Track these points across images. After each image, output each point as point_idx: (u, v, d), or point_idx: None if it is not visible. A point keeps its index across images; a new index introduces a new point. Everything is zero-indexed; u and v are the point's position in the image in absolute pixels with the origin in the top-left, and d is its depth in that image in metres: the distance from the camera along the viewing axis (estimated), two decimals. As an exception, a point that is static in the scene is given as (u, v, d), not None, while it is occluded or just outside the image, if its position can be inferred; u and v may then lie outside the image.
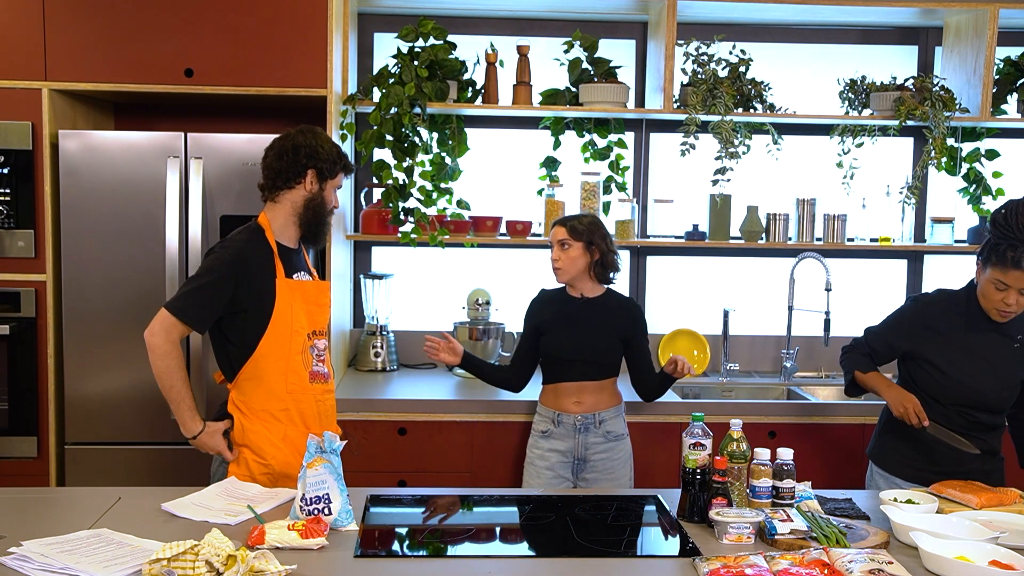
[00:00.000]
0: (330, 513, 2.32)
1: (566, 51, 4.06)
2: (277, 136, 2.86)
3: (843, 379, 3.14)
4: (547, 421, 3.26)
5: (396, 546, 2.36)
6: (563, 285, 3.32)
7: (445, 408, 3.62)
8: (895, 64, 4.37)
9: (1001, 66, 4.19)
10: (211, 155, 3.56)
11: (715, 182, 3.93)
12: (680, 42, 3.98)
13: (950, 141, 4.23)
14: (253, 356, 2.75)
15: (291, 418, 2.80)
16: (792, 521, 2.33)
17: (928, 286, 4.41)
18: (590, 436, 3.22)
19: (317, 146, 2.81)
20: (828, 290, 4.07)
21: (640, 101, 4.27)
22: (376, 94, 3.85)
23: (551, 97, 4.08)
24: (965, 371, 2.87)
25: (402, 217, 3.95)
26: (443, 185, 3.98)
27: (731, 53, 4.08)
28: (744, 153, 3.92)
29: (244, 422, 2.78)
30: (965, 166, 4.29)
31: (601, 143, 4.19)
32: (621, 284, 4.43)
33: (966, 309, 2.90)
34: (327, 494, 2.32)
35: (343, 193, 3.88)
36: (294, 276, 2.83)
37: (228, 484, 2.63)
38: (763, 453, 2.51)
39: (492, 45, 4.02)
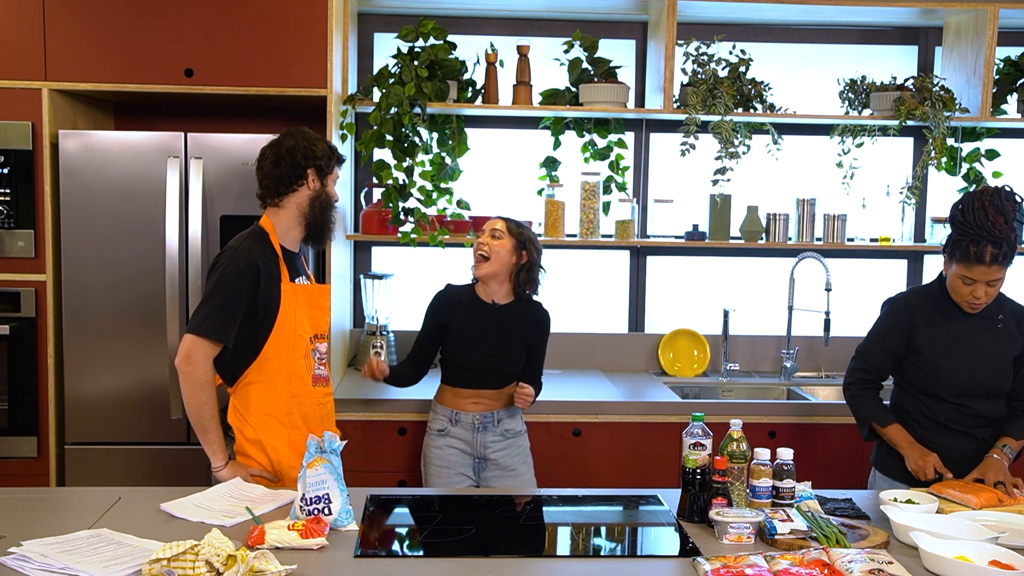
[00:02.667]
0: (330, 513, 2.32)
1: (566, 51, 4.06)
2: (266, 145, 2.85)
3: (852, 414, 3.05)
4: (444, 420, 3.22)
5: (396, 546, 2.36)
6: (471, 284, 3.26)
7: (445, 408, 3.61)
8: (895, 64, 4.37)
9: (1001, 66, 4.19)
10: (211, 155, 3.56)
11: (715, 182, 3.93)
12: (680, 42, 3.98)
13: (950, 141, 4.23)
14: (257, 361, 2.74)
15: (294, 422, 2.80)
16: (792, 521, 2.33)
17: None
18: (488, 435, 3.20)
19: (310, 145, 2.81)
20: (828, 290, 4.07)
21: (640, 101, 4.27)
22: (376, 94, 3.85)
23: (551, 97, 4.08)
24: (957, 358, 2.86)
25: (402, 217, 3.95)
26: (443, 185, 3.98)
27: (731, 53, 4.08)
28: (744, 153, 3.92)
29: (245, 430, 2.77)
30: (965, 166, 4.29)
31: (601, 143, 4.19)
32: (620, 285, 4.44)
33: (941, 299, 2.90)
34: (327, 494, 2.32)
35: (343, 193, 3.88)
36: (296, 280, 2.83)
37: (232, 485, 2.63)
38: (763, 453, 2.51)
39: (492, 45, 4.02)
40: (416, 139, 3.85)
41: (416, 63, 3.82)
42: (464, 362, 3.19)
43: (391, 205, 3.90)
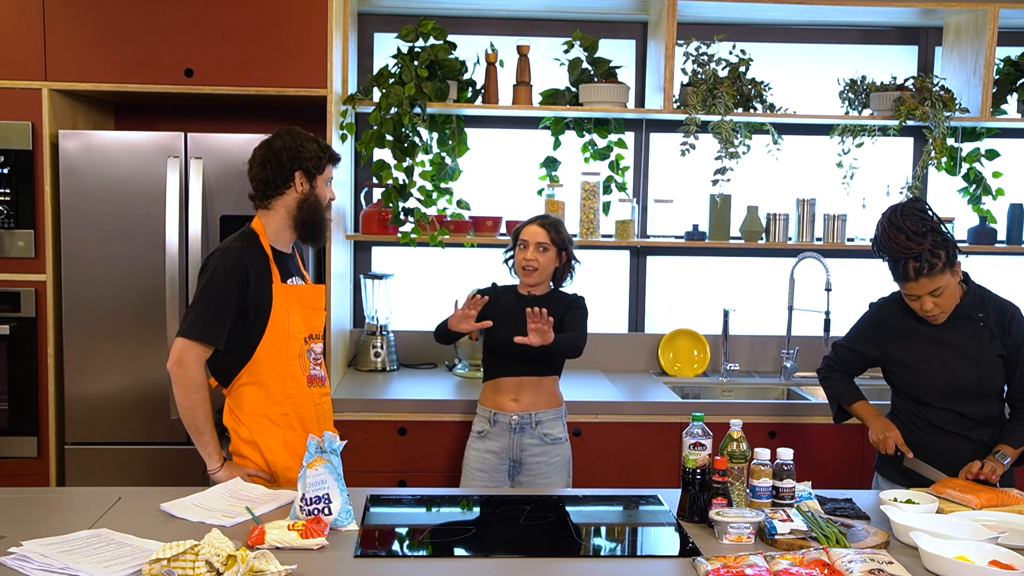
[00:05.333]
0: (330, 513, 2.32)
1: (566, 51, 4.06)
2: (257, 145, 2.83)
3: (826, 397, 3.14)
4: (484, 421, 3.24)
5: (396, 546, 2.36)
6: (514, 285, 3.30)
7: (445, 408, 3.62)
8: (895, 64, 4.37)
9: (1001, 66, 4.19)
10: (211, 155, 3.56)
11: (715, 182, 3.93)
12: (680, 42, 3.98)
13: (950, 141, 4.23)
14: (250, 362, 2.74)
15: (290, 423, 2.79)
16: (792, 521, 2.33)
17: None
18: (525, 437, 3.21)
19: (298, 146, 2.78)
20: (828, 290, 4.07)
21: (640, 101, 4.27)
22: (376, 94, 3.85)
23: (551, 97, 4.08)
24: (935, 362, 2.85)
25: (402, 217, 3.95)
26: (443, 185, 3.98)
27: (731, 53, 4.08)
28: (744, 153, 3.92)
29: (240, 431, 2.77)
30: (965, 166, 4.29)
31: (601, 143, 4.19)
32: (621, 285, 4.44)
33: None
34: (327, 494, 2.32)
35: (343, 193, 3.88)
36: (288, 281, 2.82)
37: (232, 484, 2.63)
38: (763, 453, 2.51)
39: (492, 45, 4.02)
40: (416, 139, 3.85)
41: (416, 63, 3.82)
42: (504, 346, 3.15)
43: (391, 205, 3.90)
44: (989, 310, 2.88)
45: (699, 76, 3.96)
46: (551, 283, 3.30)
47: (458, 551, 2.31)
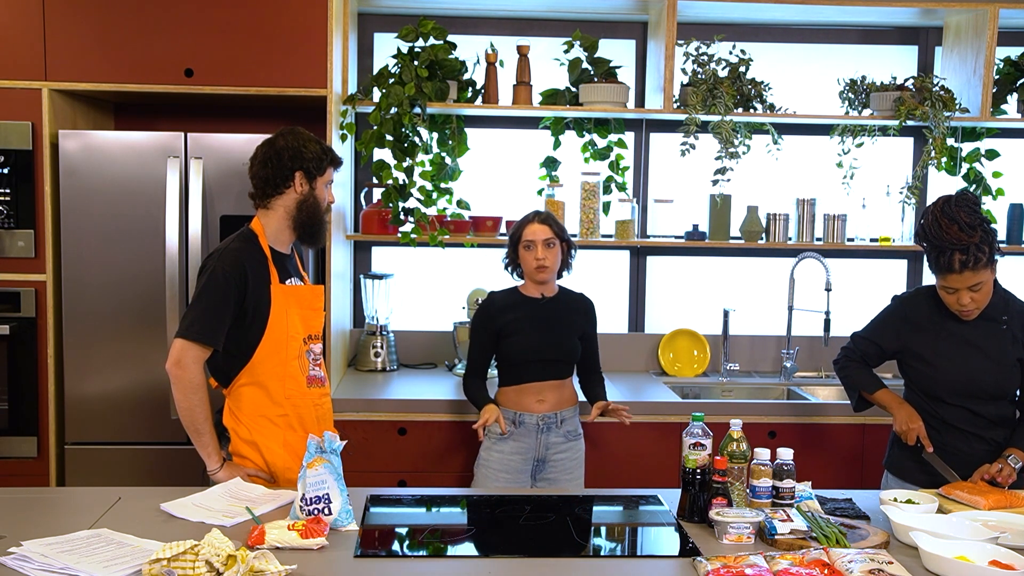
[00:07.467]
0: (330, 513, 2.32)
1: (566, 51, 4.06)
2: (259, 144, 2.83)
3: (843, 388, 3.13)
4: (506, 422, 3.21)
5: (396, 546, 2.36)
6: (514, 287, 3.31)
7: (445, 408, 3.62)
8: (895, 64, 4.37)
9: (1001, 66, 4.19)
10: (211, 155, 3.56)
11: (715, 182, 3.93)
12: (680, 42, 3.98)
13: (950, 141, 4.23)
14: (250, 363, 2.73)
15: (290, 423, 2.79)
16: (792, 521, 2.33)
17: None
18: (551, 436, 3.21)
19: (300, 146, 2.77)
20: (828, 290, 4.07)
21: (640, 101, 4.27)
22: (376, 94, 3.85)
23: (551, 97, 4.08)
24: (955, 360, 2.85)
25: (402, 217, 3.95)
26: (443, 185, 3.98)
27: (731, 53, 4.08)
28: (744, 153, 3.92)
29: (239, 431, 2.77)
30: (965, 166, 4.29)
31: (601, 143, 4.19)
32: (621, 285, 4.44)
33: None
34: (327, 494, 2.32)
35: (343, 193, 3.88)
36: (287, 282, 2.81)
37: (232, 485, 2.63)
38: (763, 453, 2.51)
39: (492, 45, 4.02)
40: (416, 139, 3.85)
41: (416, 63, 3.82)
42: (526, 356, 3.19)
43: (391, 205, 3.91)
44: (1013, 313, 2.89)
45: (699, 76, 3.96)
46: (557, 279, 3.30)
47: (458, 551, 2.31)
